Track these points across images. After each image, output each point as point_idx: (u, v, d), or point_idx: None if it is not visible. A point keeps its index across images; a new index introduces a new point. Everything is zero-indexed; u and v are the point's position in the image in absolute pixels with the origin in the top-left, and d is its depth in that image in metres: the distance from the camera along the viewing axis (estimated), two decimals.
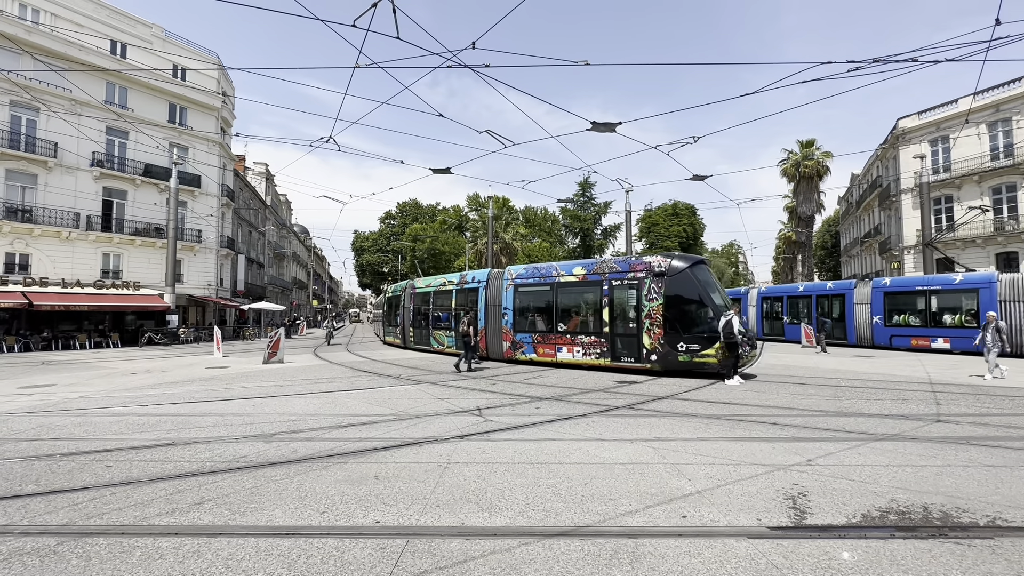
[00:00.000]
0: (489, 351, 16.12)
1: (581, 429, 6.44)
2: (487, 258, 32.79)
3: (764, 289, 26.73)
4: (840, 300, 21.36)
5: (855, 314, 20.41)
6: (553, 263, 15.83)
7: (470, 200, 59.24)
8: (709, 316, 11.74)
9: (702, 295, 12.04)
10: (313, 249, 78.46)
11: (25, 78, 23.81)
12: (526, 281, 15.45)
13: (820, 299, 22.47)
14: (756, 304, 26.10)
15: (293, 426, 6.69)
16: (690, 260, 12.52)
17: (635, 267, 12.93)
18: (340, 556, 3.05)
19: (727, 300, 13.00)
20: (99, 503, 3.95)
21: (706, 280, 12.46)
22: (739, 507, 3.80)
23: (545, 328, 14.69)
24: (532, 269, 15.66)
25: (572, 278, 14.29)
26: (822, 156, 36.92)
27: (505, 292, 15.85)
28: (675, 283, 12.14)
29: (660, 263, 12.48)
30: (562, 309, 14.43)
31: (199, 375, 12.88)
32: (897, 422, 6.73)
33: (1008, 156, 25.65)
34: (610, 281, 13.32)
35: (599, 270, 13.72)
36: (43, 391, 10.22)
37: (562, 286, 14.52)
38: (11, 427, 6.81)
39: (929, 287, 18.31)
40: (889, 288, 19.49)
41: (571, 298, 14.47)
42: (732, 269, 73.75)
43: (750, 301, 26.60)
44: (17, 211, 24.41)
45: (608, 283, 13.35)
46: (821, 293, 22.62)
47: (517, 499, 3.99)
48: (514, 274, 15.90)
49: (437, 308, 19.40)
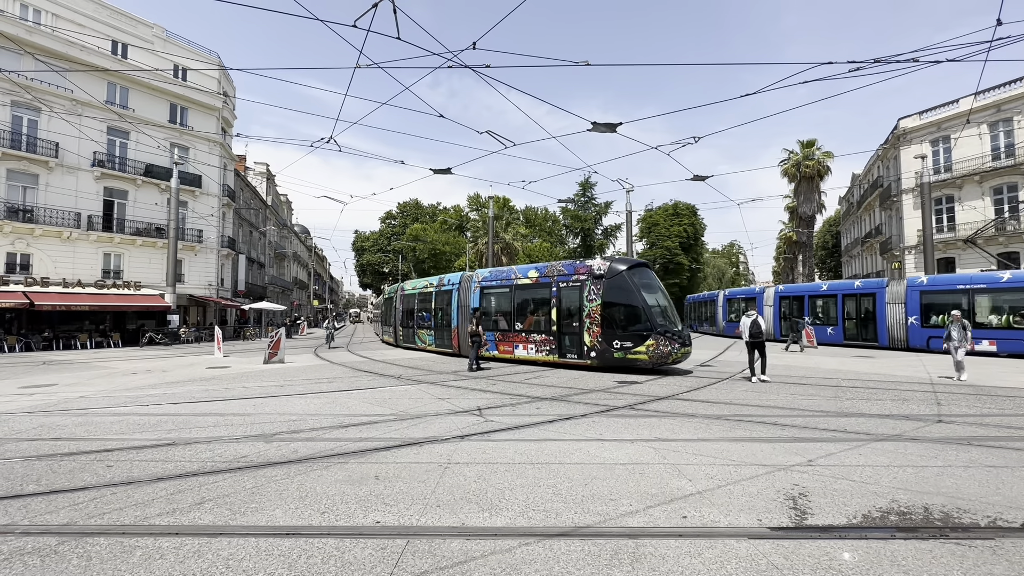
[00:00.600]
0: (460, 348, 17.27)
1: (582, 429, 6.44)
2: (488, 258, 32.78)
3: (782, 288, 25.47)
4: (870, 300, 20.13)
5: (887, 314, 19.21)
6: (513, 267, 16.82)
7: (471, 200, 59.29)
8: (643, 316, 12.48)
9: (637, 297, 12.68)
10: (314, 249, 78.51)
11: (26, 78, 23.85)
12: (490, 284, 16.57)
13: (847, 298, 21.20)
14: (773, 304, 25.04)
15: (294, 426, 6.70)
16: (628, 263, 13.33)
17: (579, 270, 13.85)
18: (341, 556, 3.05)
19: (668, 302, 13.67)
20: (100, 503, 3.96)
21: (644, 283, 13.08)
22: (740, 507, 3.79)
23: (506, 327, 15.69)
24: (495, 272, 16.75)
25: (527, 281, 15.34)
26: (823, 156, 36.90)
27: (472, 294, 16.96)
28: (612, 285, 12.95)
29: (600, 266, 13.40)
30: (519, 309, 15.47)
31: (200, 375, 12.89)
32: (898, 422, 6.72)
33: (1009, 156, 25.62)
34: (558, 283, 14.26)
35: (549, 273, 14.71)
36: (44, 391, 10.24)
37: (519, 288, 15.56)
38: (12, 427, 6.82)
39: (972, 285, 17.07)
40: (927, 287, 18.21)
41: (526, 299, 15.44)
42: (733, 269, 73.76)
43: (766, 301, 25.60)
44: (18, 211, 24.44)
45: (556, 285, 14.29)
46: (848, 292, 21.30)
47: (517, 499, 3.99)
48: (480, 277, 17.05)
49: (421, 309, 20.49)
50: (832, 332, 21.53)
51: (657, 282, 13.86)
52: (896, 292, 19.09)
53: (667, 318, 12.89)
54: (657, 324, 12.29)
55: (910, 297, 18.52)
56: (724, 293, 31.83)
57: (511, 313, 15.61)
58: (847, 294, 21.29)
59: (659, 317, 12.55)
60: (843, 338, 20.95)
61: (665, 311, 13.00)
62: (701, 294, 39.83)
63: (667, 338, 12.16)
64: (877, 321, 19.65)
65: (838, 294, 21.71)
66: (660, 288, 13.73)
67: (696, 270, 50.79)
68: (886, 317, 19.29)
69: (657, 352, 12.09)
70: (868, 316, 20.17)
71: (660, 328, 12.24)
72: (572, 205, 51.54)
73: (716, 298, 32.87)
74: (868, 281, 20.97)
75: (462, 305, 17.35)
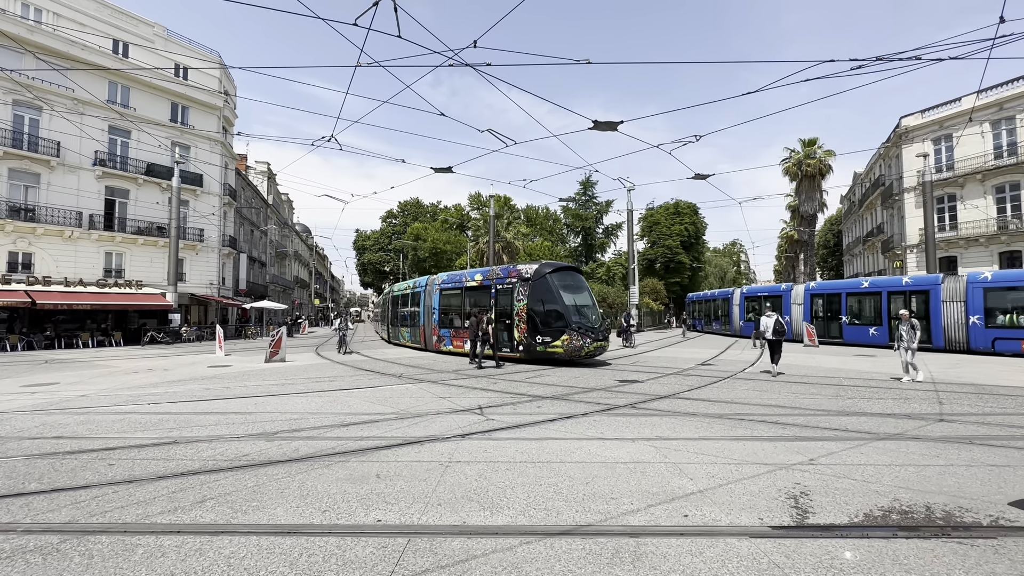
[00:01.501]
0: (426, 344, 19.43)
1: (583, 428, 6.44)
2: (489, 257, 32.78)
3: (814, 285, 23.56)
4: (922, 298, 18.45)
5: (943, 314, 17.63)
6: (465, 271, 18.86)
7: (472, 199, 59.28)
8: (560, 315, 13.87)
9: (556, 298, 14.14)
10: (315, 248, 78.55)
11: (28, 77, 23.86)
12: (447, 286, 18.43)
13: (893, 296, 19.40)
14: (803, 302, 23.31)
15: (295, 424, 6.70)
16: (554, 268, 14.85)
17: (511, 274, 15.44)
18: (342, 555, 3.06)
19: (591, 301, 15.36)
20: (101, 501, 3.96)
21: (565, 285, 14.57)
22: (741, 506, 3.79)
23: (459, 324, 17.45)
24: (451, 276, 18.78)
25: (474, 284, 17.07)
26: (824, 155, 36.82)
27: (434, 296, 18.83)
28: (536, 287, 14.50)
29: (528, 270, 14.91)
30: (467, 310, 17.12)
31: (201, 374, 12.91)
32: (899, 421, 6.71)
33: (1012, 155, 25.54)
34: (496, 286, 15.94)
35: (490, 276, 16.37)
36: (46, 389, 10.26)
37: (467, 290, 17.32)
38: (14, 425, 6.83)
39: None
40: (991, 284, 16.73)
41: (473, 300, 17.05)
42: (734, 268, 73.70)
43: (794, 299, 23.95)
44: (20, 210, 24.48)
45: (495, 287, 15.98)
46: (895, 289, 19.47)
47: (519, 498, 3.99)
48: (440, 280, 19.00)
49: (401, 309, 22.75)
50: (875, 333, 19.82)
51: (580, 284, 15.44)
52: (954, 289, 17.53)
53: (583, 316, 14.39)
54: (572, 321, 13.79)
55: (972, 294, 16.97)
56: (742, 291, 29.91)
57: (462, 313, 17.44)
58: (894, 291, 19.50)
59: (575, 315, 14.04)
60: (888, 339, 19.10)
61: (582, 310, 14.49)
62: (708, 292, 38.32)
63: (580, 334, 13.67)
64: (931, 321, 17.98)
65: (882, 291, 19.89)
66: (583, 289, 15.35)
67: (697, 269, 50.72)
68: (941, 316, 17.70)
69: (571, 346, 13.62)
70: (919, 316, 18.37)
71: (575, 325, 13.75)
72: (573, 204, 51.50)
73: (730, 296, 30.79)
74: (919, 277, 19.54)
75: (427, 306, 19.37)
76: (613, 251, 54.79)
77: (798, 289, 24.15)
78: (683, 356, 16.99)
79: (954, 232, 27.69)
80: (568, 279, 14.97)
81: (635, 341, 22.22)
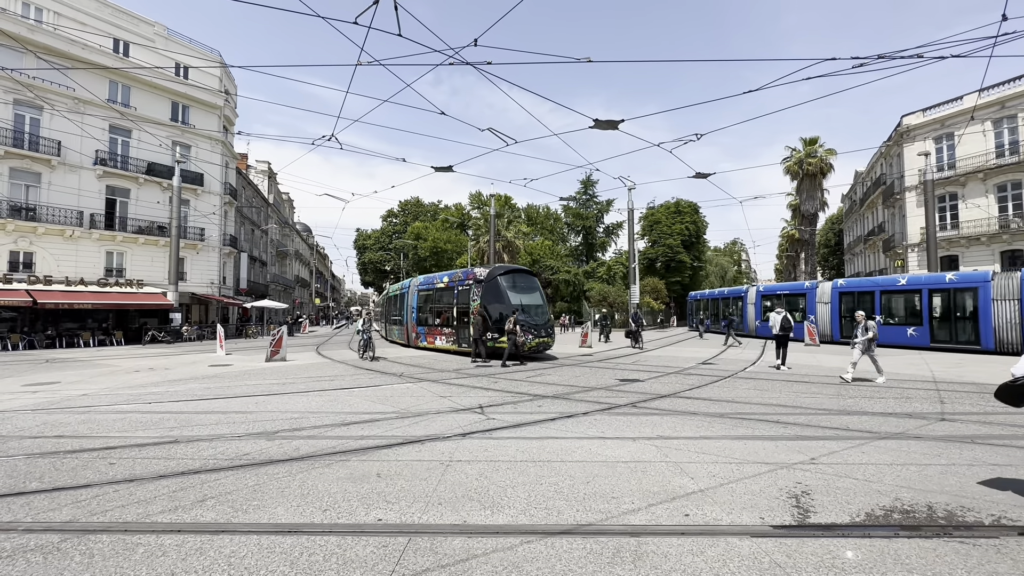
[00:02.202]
0: (408, 341, 21.25)
1: (583, 427, 6.43)
2: (489, 256, 32.77)
3: (842, 283, 21.96)
4: (969, 296, 17.21)
5: (993, 313, 16.50)
6: (436, 274, 20.62)
7: (472, 198, 59.22)
8: (507, 313, 14.87)
9: (504, 298, 15.52)
10: (315, 247, 78.58)
11: (28, 77, 23.88)
12: (422, 287, 20.12)
13: (935, 294, 18.02)
14: (830, 301, 21.69)
15: (295, 424, 6.70)
16: (504, 270, 16.53)
17: (469, 276, 16.75)
18: (342, 554, 3.05)
19: (540, 301, 16.84)
20: (102, 500, 3.96)
21: (513, 286, 16.02)
22: (742, 506, 3.78)
23: (430, 322, 19.23)
24: (427, 278, 20.40)
25: (441, 285, 18.60)
26: (825, 154, 36.80)
27: (413, 295, 20.59)
28: (487, 288, 15.79)
29: (482, 273, 16.27)
30: (437, 309, 18.96)
31: (202, 373, 12.92)
32: (901, 421, 6.70)
33: (1014, 153, 25.49)
34: (457, 287, 17.32)
35: (453, 279, 17.84)
36: (47, 388, 10.27)
37: (437, 291, 18.85)
38: (15, 424, 6.84)
39: None
40: None
41: (441, 300, 18.64)
42: (735, 267, 73.65)
43: (820, 297, 22.36)
44: (21, 209, 24.51)
45: (456, 288, 17.34)
46: (937, 287, 18.03)
47: (519, 497, 3.99)
48: (418, 282, 20.75)
49: (392, 308, 24.68)
50: (914, 334, 18.54)
51: (529, 285, 16.83)
52: (1006, 287, 16.32)
53: (529, 315, 15.62)
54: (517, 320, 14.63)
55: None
56: (757, 288, 27.86)
57: (433, 311, 19.24)
58: (936, 289, 18.09)
59: (520, 314, 15.03)
60: (930, 340, 18.01)
61: (527, 308, 15.80)
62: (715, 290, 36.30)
63: (523, 330, 14.76)
64: (979, 321, 16.83)
65: (922, 289, 18.49)
66: (532, 291, 16.74)
67: (698, 268, 50.66)
68: (991, 316, 16.52)
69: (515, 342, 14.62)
70: (966, 315, 17.23)
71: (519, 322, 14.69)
72: (574, 203, 51.52)
73: (743, 295, 28.71)
74: (965, 274, 18.47)
75: (408, 305, 21.17)
76: (614, 250, 54.86)
77: (825, 287, 22.44)
78: (683, 355, 16.98)
79: (955, 231, 27.65)
80: (518, 281, 16.45)
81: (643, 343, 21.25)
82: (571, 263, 50.16)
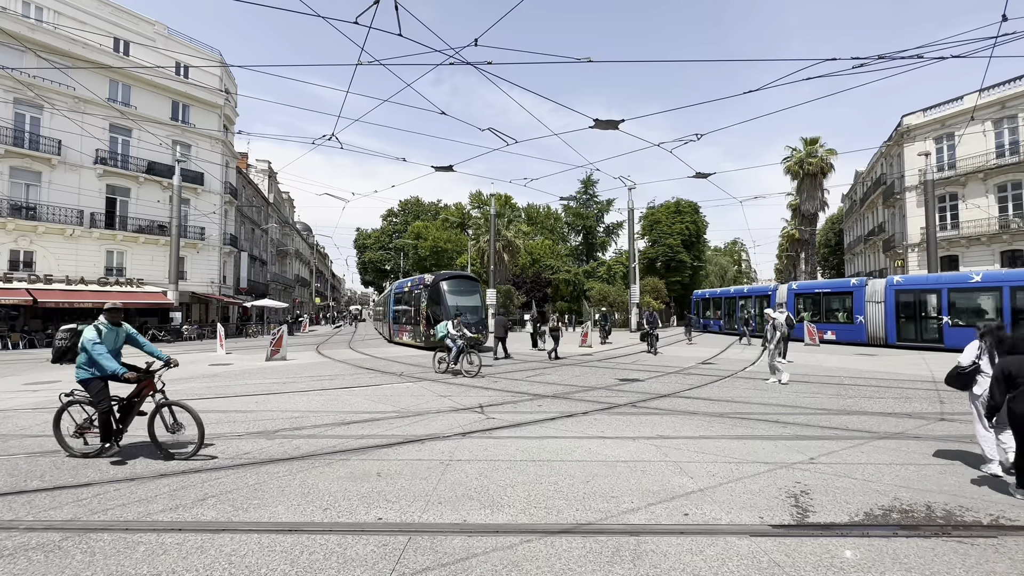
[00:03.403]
0: (390, 337, 24.58)
1: (583, 427, 6.44)
2: (489, 256, 32.78)
3: (899, 280, 19.63)
4: None
5: None
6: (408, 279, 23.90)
7: (472, 198, 59.22)
8: (443, 313, 17.44)
9: (443, 300, 18.31)
10: (316, 247, 78.57)
11: (29, 76, 23.86)
12: (397, 290, 23.61)
13: (1017, 292, 16.18)
14: (884, 300, 19.43)
15: (296, 423, 6.72)
16: (446, 276, 19.34)
17: (421, 282, 19.78)
18: (343, 552, 3.06)
19: (476, 303, 19.49)
20: (103, 499, 3.97)
21: (451, 291, 18.70)
22: (741, 505, 3.79)
23: (401, 321, 22.65)
24: (400, 282, 23.93)
25: (407, 288, 21.96)
26: (826, 153, 36.77)
27: (391, 297, 24.36)
28: (431, 292, 18.79)
29: (428, 279, 19.33)
30: (404, 309, 22.32)
31: (202, 372, 12.93)
32: (900, 420, 6.71)
33: (1014, 153, 25.46)
34: (414, 291, 20.47)
35: (413, 283, 21.12)
36: (48, 387, 10.27)
37: (404, 293, 22.24)
38: (16, 423, 6.85)
39: None
40: None
41: (408, 302, 21.71)
42: (735, 267, 73.63)
43: (871, 296, 20.11)
44: (21, 208, 24.51)
45: (414, 292, 20.50)
46: (1019, 283, 16.26)
47: (519, 496, 4.00)
48: (395, 286, 24.29)
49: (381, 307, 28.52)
50: None
51: (467, 289, 19.45)
52: None
53: (462, 314, 17.05)
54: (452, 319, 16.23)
55: None
56: (790, 286, 24.87)
57: (402, 312, 22.60)
58: (1018, 286, 16.18)
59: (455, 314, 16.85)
60: None
61: (461, 309, 17.82)
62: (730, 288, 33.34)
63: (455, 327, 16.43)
64: None
65: (1003, 286, 16.52)
66: (469, 293, 19.40)
67: (698, 268, 50.62)
68: None
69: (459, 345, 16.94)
70: None
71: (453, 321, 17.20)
72: (574, 203, 51.51)
73: (772, 293, 25.64)
74: None
75: (388, 306, 25.22)
76: (614, 250, 54.85)
77: (877, 285, 20.18)
78: (683, 355, 16.99)
79: (955, 231, 27.63)
80: (456, 286, 19.08)
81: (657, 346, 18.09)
82: (571, 263, 50.17)
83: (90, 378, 4.98)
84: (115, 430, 5.01)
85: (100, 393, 4.96)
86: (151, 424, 5.09)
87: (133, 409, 5.13)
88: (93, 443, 5.18)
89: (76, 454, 5.09)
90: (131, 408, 5.12)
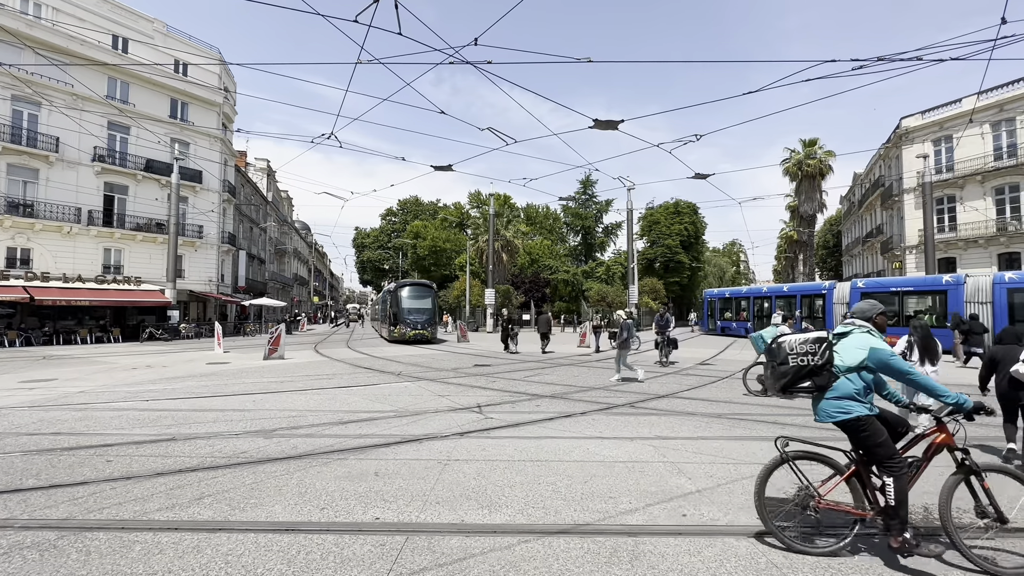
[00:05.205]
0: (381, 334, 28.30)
1: (581, 427, 6.44)
2: (488, 255, 32.76)
3: (1011, 278, 16.00)
4: None
5: None
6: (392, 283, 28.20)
7: (471, 197, 59.16)
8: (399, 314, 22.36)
9: (400, 302, 22.69)
10: (314, 245, 78.44)
11: (27, 72, 23.76)
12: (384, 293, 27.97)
13: None
14: (995, 299, 15.97)
15: (293, 422, 6.70)
16: (405, 283, 23.81)
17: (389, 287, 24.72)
18: (340, 552, 3.05)
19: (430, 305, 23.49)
20: (99, 498, 3.96)
21: (407, 295, 23.00)
22: (739, 506, 3.79)
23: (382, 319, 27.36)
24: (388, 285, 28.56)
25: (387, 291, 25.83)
26: (824, 155, 36.85)
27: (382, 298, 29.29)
28: (393, 296, 23.44)
29: (392, 285, 24.03)
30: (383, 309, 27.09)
31: (200, 371, 12.90)
32: None
33: (1012, 156, 25.54)
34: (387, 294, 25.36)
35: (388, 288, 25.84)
36: (44, 385, 10.24)
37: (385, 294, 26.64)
38: (12, 421, 6.82)
39: None
40: None
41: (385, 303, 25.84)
42: (733, 268, 73.70)
43: (972, 295, 16.66)
44: (19, 206, 24.42)
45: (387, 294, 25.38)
46: None
47: (517, 497, 3.99)
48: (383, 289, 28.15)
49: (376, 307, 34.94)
50: None
51: (421, 294, 23.44)
52: None
53: (414, 315, 22.48)
54: (405, 319, 22.16)
55: None
56: (853, 284, 21.45)
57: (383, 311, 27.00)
58: None
59: (407, 315, 22.34)
60: None
61: (413, 311, 22.55)
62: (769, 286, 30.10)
63: (406, 325, 22.07)
64: None
65: None
66: (422, 297, 23.31)
67: (697, 268, 50.67)
68: None
69: (402, 332, 22.09)
70: None
71: (405, 320, 22.19)
72: (573, 203, 51.51)
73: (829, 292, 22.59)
74: None
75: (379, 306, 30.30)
76: (613, 250, 54.89)
77: (980, 283, 16.58)
78: (683, 356, 16.99)
79: (953, 233, 27.70)
80: (412, 291, 23.27)
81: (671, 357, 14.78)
82: (570, 263, 50.17)
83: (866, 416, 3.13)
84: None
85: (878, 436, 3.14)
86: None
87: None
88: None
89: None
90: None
